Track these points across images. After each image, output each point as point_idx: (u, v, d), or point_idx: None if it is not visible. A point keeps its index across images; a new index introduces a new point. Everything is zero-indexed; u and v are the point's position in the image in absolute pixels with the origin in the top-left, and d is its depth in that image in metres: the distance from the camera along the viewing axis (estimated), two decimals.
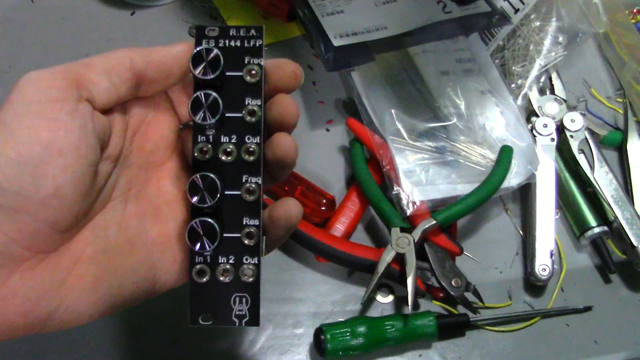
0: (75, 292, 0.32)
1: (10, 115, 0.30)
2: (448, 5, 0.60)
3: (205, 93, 0.34)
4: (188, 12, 0.71)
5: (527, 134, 0.60)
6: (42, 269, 0.30)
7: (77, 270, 0.32)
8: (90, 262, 0.32)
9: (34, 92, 0.30)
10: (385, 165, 0.57)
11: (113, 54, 0.34)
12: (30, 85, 0.31)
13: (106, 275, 0.33)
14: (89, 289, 0.32)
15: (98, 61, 0.33)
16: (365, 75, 0.61)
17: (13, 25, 0.69)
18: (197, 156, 0.35)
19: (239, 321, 0.35)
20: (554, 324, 0.57)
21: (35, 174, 0.29)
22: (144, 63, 0.34)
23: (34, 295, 0.30)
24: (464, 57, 0.63)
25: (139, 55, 0.34)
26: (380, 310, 0.56)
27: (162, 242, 0.36)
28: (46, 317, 0.31)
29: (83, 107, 0.31)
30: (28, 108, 0.30)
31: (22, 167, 0.29)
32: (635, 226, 0.57)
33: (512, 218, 0.61)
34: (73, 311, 0.32)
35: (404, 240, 0.54)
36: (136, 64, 0.34)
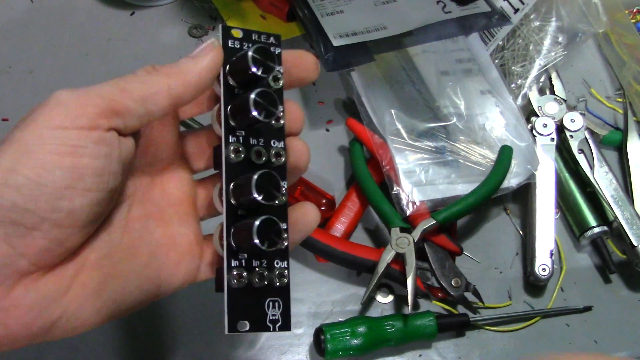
0: (79, 300, 0.31)
1: (34, 137, 0.29)
2: (448, 5, 0.60)
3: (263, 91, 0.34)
4: (188, 12, 0.71)
5: (527, 134, 0.60)
6: (47, 279, 0.30)
7: (80, 278, 0.31)
8: (94, 268, 0.32)
9: (61, 118, 0.29)
10: (385, 165, 0.57)
11: (150, 80, 0.32)
12: (59, 110, 0.29)
13: (110, 281, 0.33)
14: (92, 296, 0.32)
15: (135, 87, 0.32)
16: (365, 75, 0.61)
17: (13, 25, 0.69)
18: (232, 158, 0.35)
19: (272, 326, 0.35)
20: (554, 324, 0.57)
21: (53, 196, 0.29)
22: (182, 88, 0.33)
23: (37, 306, 0.30)
24: (464, 57, 0.63)
25: (175, 81, 0.33)
26: (380, 310, 0.56)
27: (166, 243, 0.36)
28: (50, 326, 0.30)
29: (111, 135, 0.31)
30: (53, 133, 0.29)
31: (40, 188, 0.28)
32: (635, 226, 0.57)
33: (512, 218, 0.61)
34: (77, 319, 0.31)
35: (404, 240, 0.54)
36: (173, 91, 0.33)
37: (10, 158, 0.28)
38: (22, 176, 0.28)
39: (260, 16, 0.70)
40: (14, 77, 0.66)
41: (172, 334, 0.54)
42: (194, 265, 0.37)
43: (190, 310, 0.55)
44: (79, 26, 0.69)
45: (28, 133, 0.29)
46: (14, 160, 0.28)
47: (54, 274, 0.30)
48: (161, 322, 0.54)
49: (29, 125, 0.29)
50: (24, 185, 0.28)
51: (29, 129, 0.29)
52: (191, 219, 0.38)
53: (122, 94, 0.31)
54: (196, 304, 0.55)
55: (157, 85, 0.32)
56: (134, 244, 0.34)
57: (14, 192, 0.28)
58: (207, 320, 0.55)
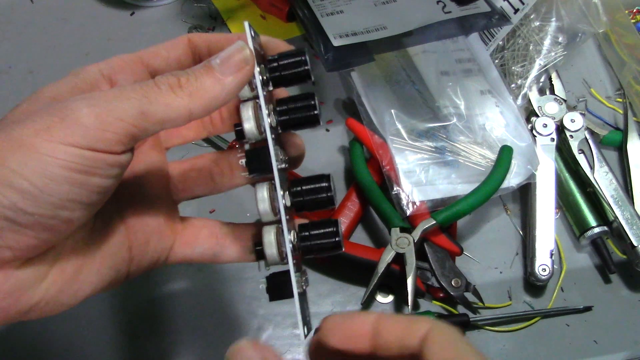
0: (58, 285, 0.32)
1: (47, 149, 0.28)
2: (448, 5, 0.60)
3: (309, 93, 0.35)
4: (188, 12, 0.71)
5: (527, 134, 0.60)
6: (25, 266, 0.30)
7: (59, 264, 0.32)
8: (71, 253, 0.32)
9: (78, 138, 0.28)
10: (385, 165, 0.57)
11: (173, 102, 0.31)
12: (76, 128, 0.28)
13: (86, 264, 0.33)
14: (70, 280, 0.32)
15: (157, 111, 0.30)
16: (365, 75, 0.61)
17: (13, 25, 0.69)
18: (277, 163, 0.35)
19: (307, 331, 0.37)
20: (554, 324, 0.57)
21: (55, 206, 0.29)
22: (203, 111, 0.32)
23: (15, 292, 0.30)
24: (464, 57, 0.63)
25: (199, 105, 0.32)
26: (380, 310, 0.56)
27: (136, 224, 0.36)
28: (27, 310, 0.31)
29: (125, 157, 0.30)
30: (68, 150, 0.28)
31: (45, 197, 0.28)
32: (635, 226, 0.57)
33: (512, 218, 0.61)
34: (55, 302, 0.32)
35: (404, 240, 0.54)
36: (194, 114, 0.32)
37: (19, 160, 0.28)
38: (28, 182, 0.28)
39: (260, 16, 0.70)
40: (14, 77, 0.66)
41: (172, 334, 0.54)
42: (164, 245, 0.37)
43: (190, 311, 0.55)
44: (79, 26, 0.69)
45: (41, 141, 0.28)
46: (22, 164, 0.28)
47: (33, 261, 0.31)
48: (161, 323, 0.54)
49: (43, 134, 0.28)
50: (28, 191, 0.28)
51: (42, 137, 0.28)
52: (162, 199, 0.38)
53: (143, 117, 0.30)
54: (196, 304, 0.55)
55: (179, 110, 0.31)
56: (106, 227, 0.35)
57: (16, 195, 0.28)
58: (208, 320, 0.55)
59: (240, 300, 0.56)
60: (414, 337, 0.32)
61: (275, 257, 0.35)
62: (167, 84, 0.31)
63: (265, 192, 0.35)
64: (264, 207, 0.35)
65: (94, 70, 0.35)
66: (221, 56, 0.32)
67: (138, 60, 0.36)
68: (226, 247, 0.39)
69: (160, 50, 0.36)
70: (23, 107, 0.32)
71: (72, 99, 0.29)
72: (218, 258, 0.39)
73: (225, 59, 0.32)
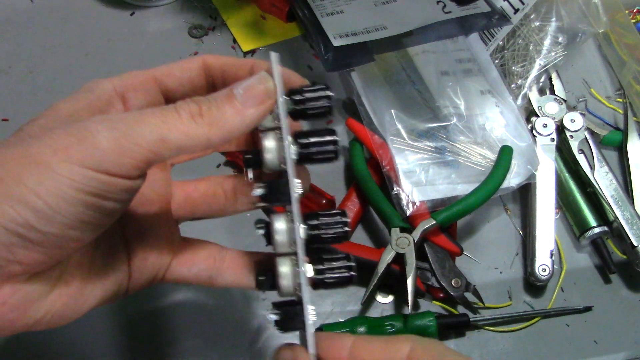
0: (62, 299, 0.32)
1: (64, 170, 0.28)
2: (448, 5, 0.60)
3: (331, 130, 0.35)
4: (188, 12, 0.71)
5: (527, 134, 0.60)
6: (33, 280, 0.31)
7: (64, 277, 0.32)
8: (76, 268, 0.33)
9: (96, 162, 0.28)
10: (385, 165, 0.57)
11: (193, 131, 0.31)
12: (94, 152, 0.28)
13: (90, 278, 0.33)
14: (76, 294, 0.33)
15: (176, 139, 0.30)
16: (365, 75, 0.61)
17: (13, 25, 0.69)
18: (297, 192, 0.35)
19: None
20: (554, 324, 0.57)
21: (67, 226, 0.29)
22: (220, 141, 0.32)
23: (23, 305, 0.30)
24: (464, 57, 0.63)
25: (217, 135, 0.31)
26: (380, 310, 0.56)
27: (136, 240, 0.37)
28: (33, 323, 0.31)
29: (139, 182, 0.31)
30: (85, 173, 0.28)
31: (58, 217, 0.28)
32: (635, 226, 0.57)
33: (512, 218, 0.61)
34: (60, 316, 0.32)
35: (404, 240, 0.54)
36: (211, 143, 0.31)
37: (35, 179, 0.28)
38: (42, 201, 0.28)
39: (260, 16, 0.70)
40: (14, 77, 0.66)
41: (172, 334, 0.54)
42: (161, 263, 0.38)
43: (190, 311, 0.55)
44: (79, 26, 0.69)
45: (58, 162, 0.28)
46: (38, 183, 0.28)
47: (40, 275, 0.31)
48: (161, 322, 0.54)
49: (60, 154, 0.28)
50: (42, 210, 0.28)
51: (59, 157, 0.28)
52: (163, 218, 0.38)
53: (161, 145, 0.30)
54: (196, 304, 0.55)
55: (197, 139, 0.31)
56: (108, 242, 0.35)
57: (30, 213, 0.28)
58: (207, 320, 0.55)
59: (240, 300, 0.56)
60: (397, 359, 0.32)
61: (290, 289, 0.35)
62: (188, 112, 0.31)
63: (284, 223, 0.35)
64: (282, 238, 0.35)
65: (109, 87, 0.34)
66: (244, 86, 0.32)
67: (151, 78, 0.36)
68: (223, 271, 0.39)
69: (174, 70, 0.36)
70: (41, 121, 0.32)
71: (91, 121, 0.29)
72: (214, 281, 0.39)
73: (248, 89, 0.32)
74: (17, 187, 0.28)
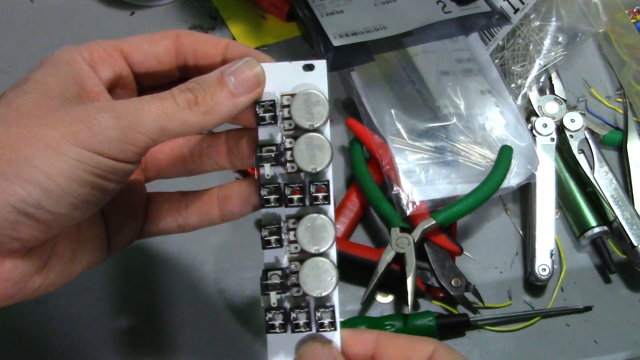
0: (56, 269, 0.34)
1: (76, 153, 0.30)
2: (448, 5, 0.60)
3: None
4: (188, 12, 0.71)
5: (527, 134, 0.60)
6: (30, 255, 0.32)
7: (57, 249, 0.34)
8: (66, 239, 0.35)
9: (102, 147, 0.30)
10: (385, 165, 0.57)
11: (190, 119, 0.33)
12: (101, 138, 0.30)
13: (79, 247, 0.35)
14: (67, 263, 0.35)
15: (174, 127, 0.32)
16: (365, 75, 0.61)
17: (13, 25, 0.69)
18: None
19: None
20: (554, 324, 0.57)
21: (73, 206, 0.31)
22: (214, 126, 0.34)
23: (22, 279, 0.32)
24: (464, 57, 0.63)
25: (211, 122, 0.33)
26: (380, 310, 0.56)
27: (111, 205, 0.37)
28: (30, 294, 0.33)
29: (137, 165, 0.33)
30: (92, 156, 0.30)
31: (66, 197, 0.30)
32: (635, 226, 0.57)
33: (512, 218, 0.61)
34: (53, 284, 0.34)
35: (404, 240, 0.54)
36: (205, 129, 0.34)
37: (45, 161, 0.29)
38: (53, 182, 0.29)
39: (260, 16, 0.70)
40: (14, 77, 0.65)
41: (171, 334, 0.54)
42: (136, 227, 0.39)
43: (190, 311, 0.55)
44: (79, 26, 0.69)
45: (67, 145, 0.30)
46: (49, 164, 0.29)
47: (35, 250, 0.32)
48: (161, 323, 0.54)
49: (69, 138, 0.30)
50: (53, 191, 0.30)
51: (68, 142, 0.30)
52: (133, 184, 0.39)
53: (161, 133, 0.32)
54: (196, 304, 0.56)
55: (194, 126, 0.33)
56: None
57: (41, 193, 0.29)
58: (207, 320, 0.55)
59: (240, 300, 0.56)
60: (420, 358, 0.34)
61: None
62: (185, 101, 0.33)
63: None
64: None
65: (79, 59, 0.35)
66: (233, 71, 0.34)
67: (118, 50, 0.36)
68: (188, 216, 0.40)
69: (142, 43, 0.37)
70: (32, 96, 0.32)
71: (96, 108, 0.31)
72: (183, 229, 0.40)
73: (239, 76, 0.34)
74: (28, 168, 0.29)
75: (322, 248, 0.36)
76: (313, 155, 0.35)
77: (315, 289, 0.35)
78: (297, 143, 0.35)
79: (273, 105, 0.35)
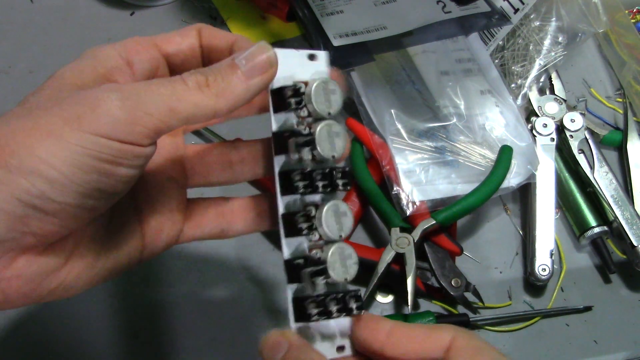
0: (76, 271, 0.32)
1: (77, 138, 0.29)
2: (448, 5, 0.60)
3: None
4: (188, 12, 0.71)
5: (527, 134, 0.60)
6: (48, 252, 0.31)
7: (78, 250, 0.33)
8: (91, 241, 0.33)
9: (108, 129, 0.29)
10: (385, 165, 0.57)
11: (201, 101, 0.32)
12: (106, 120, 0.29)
13: (103, 252, 0.34)
14: (88, 267, 0.33)
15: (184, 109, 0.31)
16: (365, 75, 0.61)
17: (13, 25, 0.69)
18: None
19: None
20: (554, 324, 0.57)
21: (81, 195, 0.29)
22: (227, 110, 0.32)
23: (37, 277, 0.31)
24: (464, 57, 0.63)
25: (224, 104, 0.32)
26: (380, 310, 0.56)
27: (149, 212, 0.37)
28: (45, 295, 0.32)
29: (150, 149, 0.31)
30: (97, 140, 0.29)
31: (73, 186, 0.29)
32: (635, 226, 0.57)
33: (512, 218, 0.61)
34: (72, 288, 0.33)
35: (404, 240, 0.54)
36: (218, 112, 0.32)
37: (48, 149, 0.28)
38: (57, 171, 0.28)
39: (260, 16, 0.70)
40: (14, 77, 0.66)
41: (171, 334, 0.54)
42: (175, 231, 0.38)
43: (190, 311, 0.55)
44: (79, 26, 0.69)
45: (70, 131, 0.28)
46: (51, 153, 0.28)
47: (54, 247, 0.31)
48: (161, 323, 0.54)
49: (72, 123, 0.29)
50: (57, 180, 0.28)
51: (71, 127, 0.29)
52: (174, 186, 0.38)
53: (171, 115, 0.30)
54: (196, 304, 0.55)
55: (205, 109, 0.32)
56: (122, 216, 0.36)
57: (45, 184, 0.28)
58: (207, 320, 0.55)
59: (240, 300, 0.56)
60: (437, 348, 0.33)
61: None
62: (195, 82, 0.31)
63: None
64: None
65: (113, 53, 0.35)
66: (246, 55, 0.33)
67: (153, 44, 0.36)
68: (233, 222, 0.40)
69: (174, 37, 0.36)
70: (46, 92, 0.32)
71: (102, 89, 0.30)
72: (226, 234, 0.40)
73: (251, 59, 0.33)
74: (30, 158, 0.28)
75: (345, 233, 0.35)
76: (332, 142, 0.35)
77: (343, 275, 0.35)
78: (319, 131, 0.34)
79: (291, 91, 0.35)
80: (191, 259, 0.57)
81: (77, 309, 0.54)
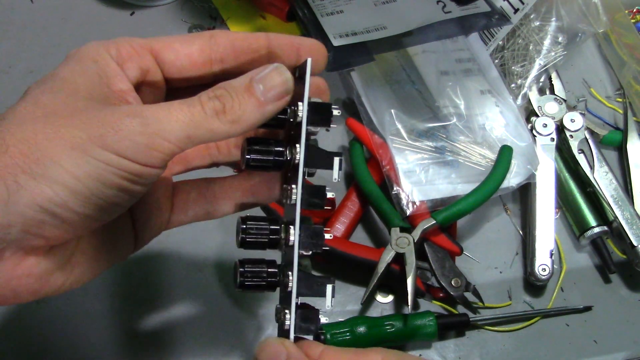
0: (80, 266, 0.34)
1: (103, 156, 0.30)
2: (448, 5, 0.60)
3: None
4: (188, 12, 0.71)
5: (527, 134, 0.60)
6: (53, 252, 0.32)
7: (80, 246, 0.34)
8: (91, 238, 0.35)
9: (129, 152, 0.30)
10: (385, 165, 0.57)
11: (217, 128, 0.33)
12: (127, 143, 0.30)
13: (103, 246, 0.36)
14: (91, 260, 0.35)
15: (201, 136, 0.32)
16: (365, 75, 0.61)
17: (13, 25, 0.69)
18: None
19: None
20: (554, 324, 0.57)
21: (99, 207, 0.31)
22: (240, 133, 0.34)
23: (45, 275, 0.32)
24: (464, 57, 0.63)
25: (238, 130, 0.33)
26: (380, 310, 0.56)
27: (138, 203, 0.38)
28: (54, 290, 0.33)
29: (163, 169, 0.32)
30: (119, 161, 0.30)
31: (94, 199, 0.30)
32: (635, 226, 0.57)
33: (512, 218, 0.61)
34: (76, 282, 0.34)
35: (404, 240, 0.54)
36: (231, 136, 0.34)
37: (73, 162, 0.30)
38: (82, 184, 0.30)
39: (260, 16, 0.70)
40: (14, 77, 0.66)
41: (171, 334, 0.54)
42: (163, 218, 0.39)
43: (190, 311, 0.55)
44: (79, 26, 0.69)
45: (94, 148, 0.30)
46: (77, 166, 0.30)
47: (59, 247, 0.33)
48: (161, 323, 0.54)
49: (97, 141, 0.30)
50: (81, 192, 0.30)
51: (96, 144, 0.30)
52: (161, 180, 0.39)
53: (187, 140, 0.32)
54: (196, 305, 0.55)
55: (220, 135, 0.33)
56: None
57: (68, 194, 0.30)
58: (207, 320, 0.55)
59: (240, 300, 0.56)
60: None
61: None
62: (213, 109, 0.32)
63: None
64: None
65: (106, 56, 0.35)
66: (262, 77, 0.33)
67: (147, 49, 0.36)
68: (217, 203, 0.40)
69: (174, 43, 0.36)
70: (60, 96, 0.32)
71: (124, 113, 0.31)
72: (212, 215, 0.41)
73: (268, 83, 0.33)
74: (55, 168, 0.29)
75: None
76: None
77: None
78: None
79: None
80: (192, 260, 0.57)
81: (77, 309, 0.54)
